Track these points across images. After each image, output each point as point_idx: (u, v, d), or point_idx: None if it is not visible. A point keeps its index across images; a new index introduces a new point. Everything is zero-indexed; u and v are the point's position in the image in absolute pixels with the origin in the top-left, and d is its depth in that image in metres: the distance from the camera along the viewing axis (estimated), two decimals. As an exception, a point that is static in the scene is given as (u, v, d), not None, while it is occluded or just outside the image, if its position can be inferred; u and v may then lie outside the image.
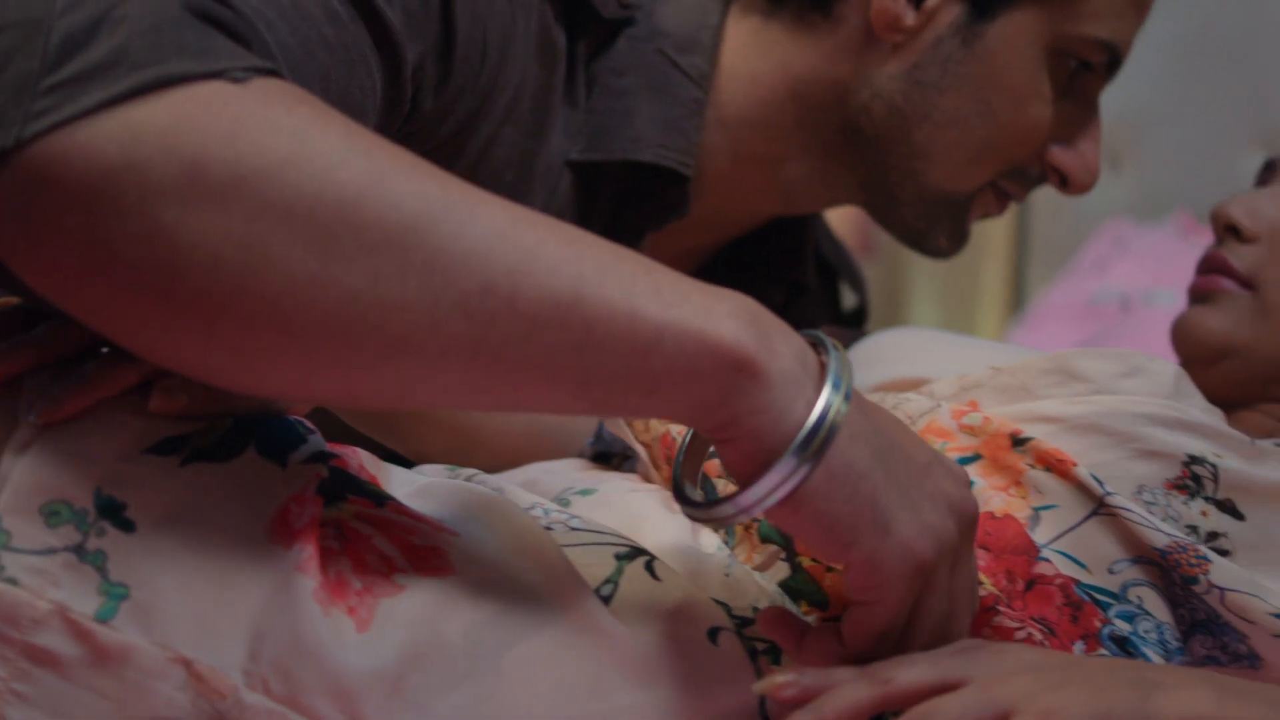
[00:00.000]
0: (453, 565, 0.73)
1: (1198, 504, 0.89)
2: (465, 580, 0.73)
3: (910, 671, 0.71)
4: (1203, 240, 2.24)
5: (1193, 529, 0.89)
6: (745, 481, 0.69)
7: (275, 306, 0.63)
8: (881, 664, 0.72)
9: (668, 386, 0.67)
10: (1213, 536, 0.89)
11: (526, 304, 0.65)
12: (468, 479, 0.87)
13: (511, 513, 0.79)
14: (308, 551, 0.70)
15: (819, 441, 0.67)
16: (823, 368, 0.70)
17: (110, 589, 0.68)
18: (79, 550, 0.69)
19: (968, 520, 0.74)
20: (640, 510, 0.86)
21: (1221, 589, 0.84)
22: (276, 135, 0.63)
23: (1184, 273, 1.17)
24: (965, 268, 2.14)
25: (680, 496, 0.76)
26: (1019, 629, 0.82)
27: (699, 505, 0.73)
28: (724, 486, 0.82)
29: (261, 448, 0.74)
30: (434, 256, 0.64)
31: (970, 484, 0.77)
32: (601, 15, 1.06)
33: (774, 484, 0.68)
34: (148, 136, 0.62)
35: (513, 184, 1.02)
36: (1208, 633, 0.87)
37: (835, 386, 0.68)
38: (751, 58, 1.11)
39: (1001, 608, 0.82)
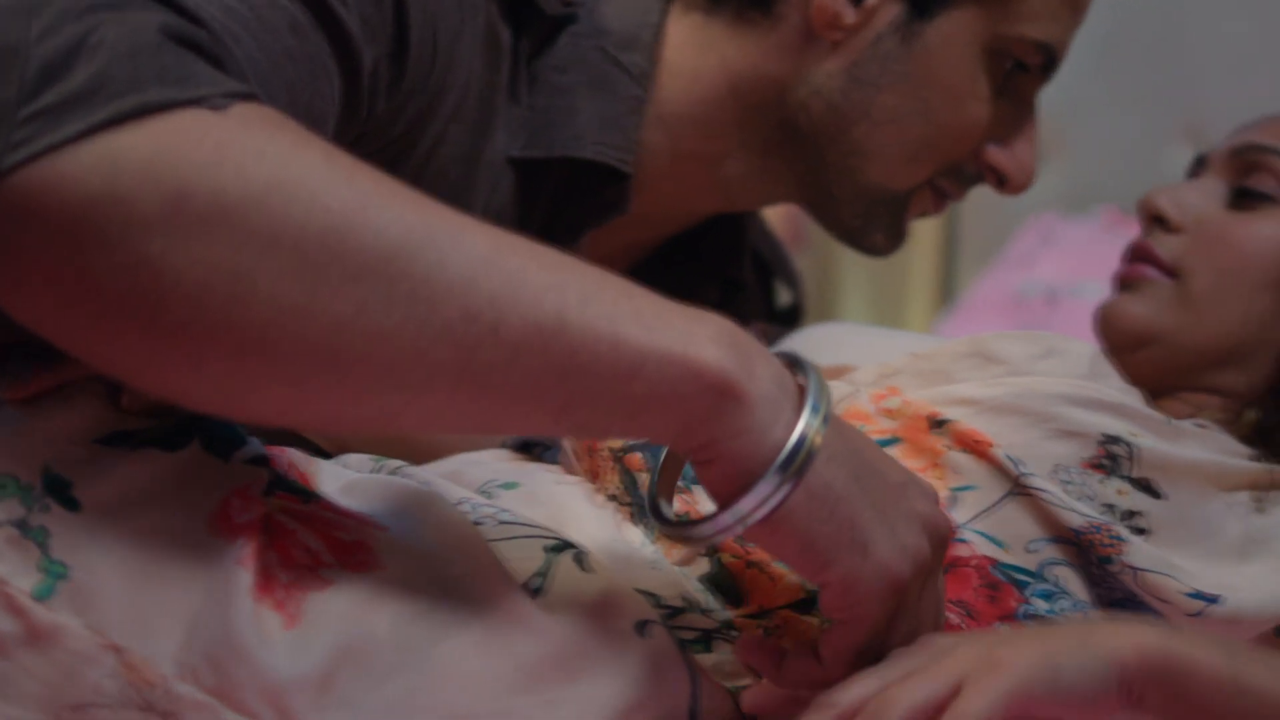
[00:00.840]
0: (380, 560, 0.73)
1: (1115, 483, 0.91)
2: (393, 575, 0.73)
3: (853, 691, 0.72)
4: (1129, 233, 2.26)
5: (1110, 508, 0.90)
6: (725, 502, 0.70)
7: (261, 336, 0.63)
8: (827, 691, 0.72)
9: (650, 410, 0.68)
10: (1130, 515, 0.90)
11: (510, 331, 0.65)
12: (393, 472, 0.87)
13: (440, 507, 0.79)
14: (250, 548, 0.70)
15: (798, 463, 0.69)
16: (801, 390, 0.71)
17: (50, 566, 0.68)
18: (22, 525, 0.69)
19: (940, 538, 0.75)
20: (565, 503, 0.87)
21: (1135, 569, 0.86)
22: (259, 163, 0.63)
23: (1110, 265, 1.19)
24: (895, 260, 2.14)
25: (657, 515, 0.77)
26: None
27: (677, 525, 0.75)
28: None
29: (206, 442, 0.74)
30: (419, 284, 0.64)
31: (939, 500, 0.78)
32: (545, 12, 1.06)
33: (753, 505, 0.69)
34: (130, 167, 0.62)
35: (457, 182, 1.02)
36: (1122, 612, 0.88)
37: (814, 409, 0.70)
38: (692, 55, 1.11)
39: None
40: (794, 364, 0.73)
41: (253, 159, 0.63)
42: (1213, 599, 0.86)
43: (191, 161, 0.62)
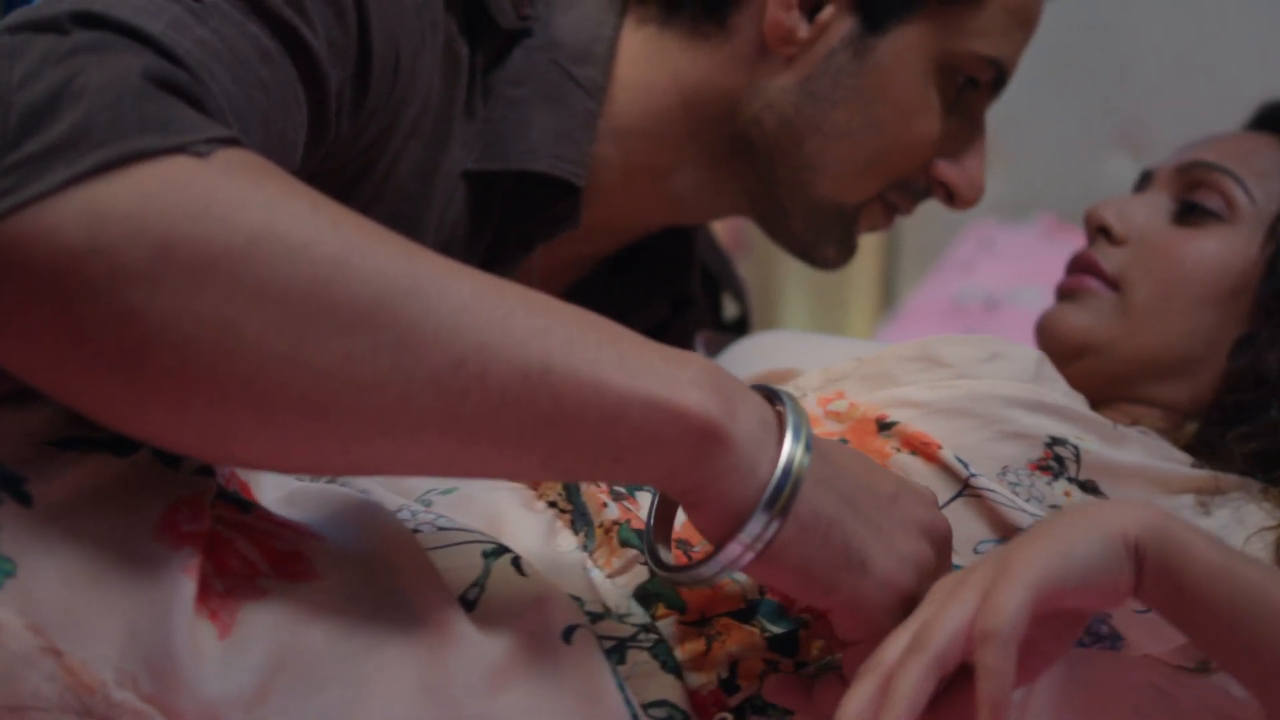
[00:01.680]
0: (316, 570, 0.74)
1: (1061, 484, 0.92)
2: (329, 586, 0.73)
3: (890, 647, 0.71)
4: (1067, 240, 2.30)
5: (1056, 509, 0.91)
6: (718, 542, 0.71)
7: (248, 387, 0.63)
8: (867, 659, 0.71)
9: (635, 455, 0.69)
10: None
11: (497, 379, 0.66)
12: (332, 479, 0.87)
13: (378, 516, 0.80)
14: (196, 558, 0.70)
15: (785, 497, 0.70)
16: (780, 420, 0.72)
17: None
18: None
19: (942, 540, 0.77)
20: (500, 509, 0.87)
21: None
22: (245, 213, 0.63)
23: (1049, 272, 1.20)
24: (836, 267, 2.17)
25: (655, 560, 0.78)
26: None
27: (676, 569, 0.75)
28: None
29: (157, 449, 0.74)
30: (405, 334, 0.64)
31: (934, 497, 0.79)
32: (500, 26, 1.06)
33: (746, 543, 0.70)
34: (114, 217, 0.61)
35: (414, 196, 1.02)
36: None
37: (795, 439, 0.71)
38: (645, 69, 1.11)
39: None
40: (770, 396, 0.74)
41: (238, 209, 0.63)
42: None
43: (176, 212, 0.62)
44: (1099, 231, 1.15)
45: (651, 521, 0.80)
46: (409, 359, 0.64)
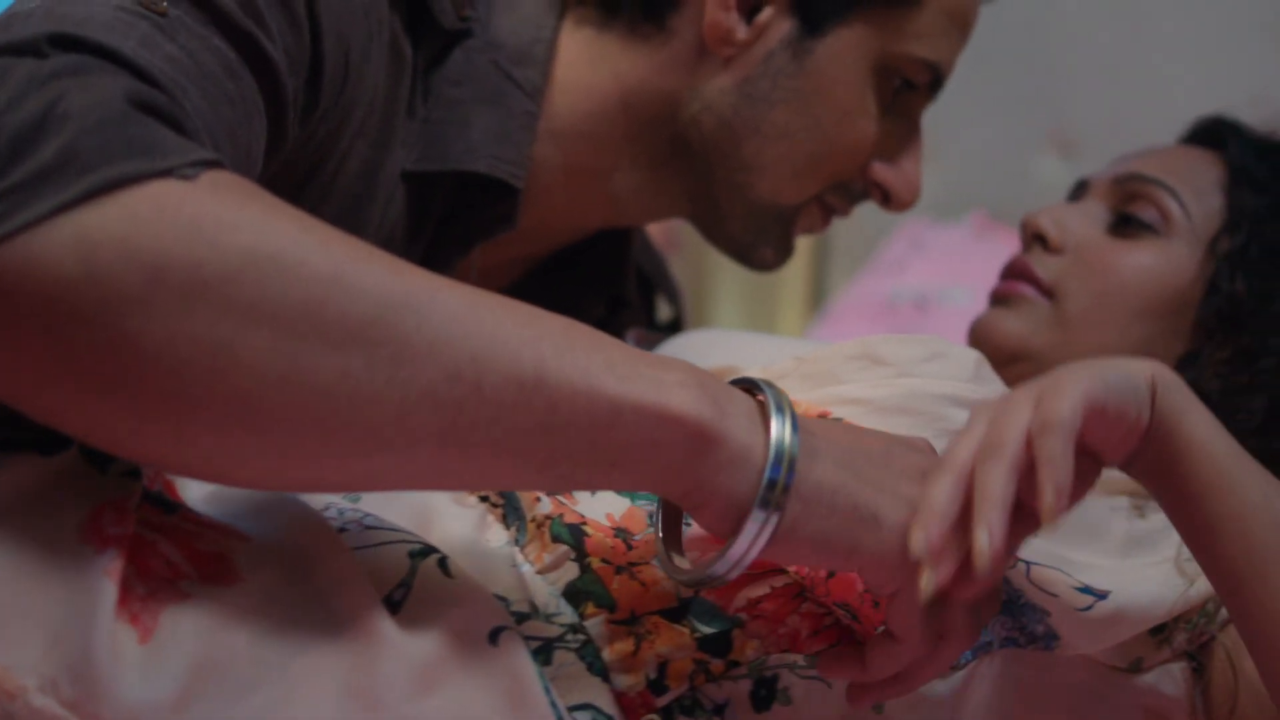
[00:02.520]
0: (240, 572, 0.74)
1: None
2: (252, 587, 0.73)
3: (960, 452, 0.73)
4: (998, 240, 2.32)
5: None
6: (727, 537, 0.72)
7: (245, 408, 0.64)
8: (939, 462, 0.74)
9: (629, 459, 0.70)
10: None
11: (492, 389, 0.66)
12: None
13: (304, 515, 0.80)
14: (119, 561, 0.70)
15: (782, 479, 0.71)
16: (763, 408, 0.73)
17: None
18: None
19: None
20: (430, 503, 0.87)
21: (1028, 563, 0.87)
22: (235, 235, 0.63)
23: (979, 272, 1.21)
24: (768, 266, 2.18)
25: (670, 568, 0.78)
26: (826, 614, 0.85)
27: (692, 574, 0.76)
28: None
29: (85, 450, 0.74)
30: (400, 349, 0.65)
31: (928, 443, 0.79)
32: (441, 26, 1.06)
33: (754, 533, 0.71)
34: (106, 244, 0.62)
35: (359, 197, 1.02)
36: (1008, 614, 0.90)
37: (782, 422, 0.72)
38: (584, 70, 1.12)
39: (808, 595, 0.84)
40: (749, 386, 0.76)
41: (228, 231, 0.63)
42: (1102, 595, 0.88)
43: (167, 237, 0.62)
44: (1035, 239, 1.16)
45: (659, 531, 0.81)
46: (405, 373, 0.65)
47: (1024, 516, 0.72)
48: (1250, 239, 1.11)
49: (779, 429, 0.72)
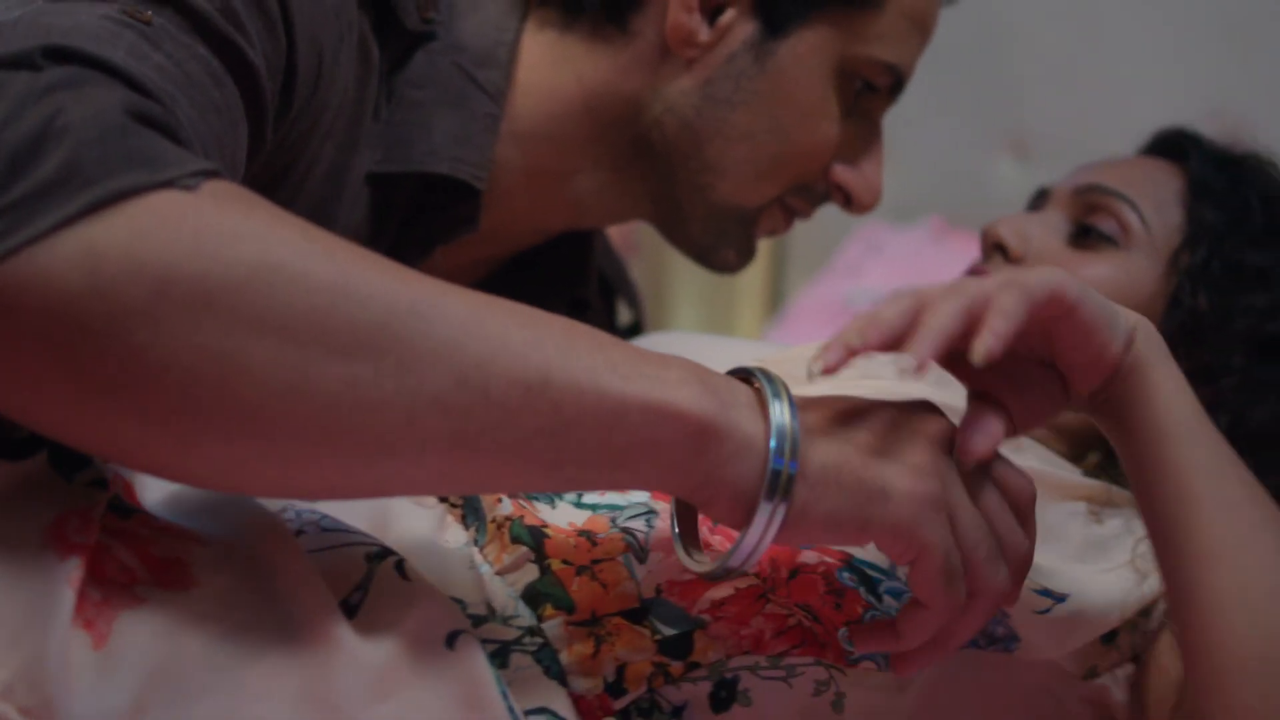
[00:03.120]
0: (195, 577, 0.73)
1: None
2: (208, 592, 0.73)
3: (891, 308, 0.75)
4: (955, 243, 2.33)
5: None
6: (739, 527, 0.73)
7: (253, 417, 0.64)
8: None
9: (635, 458, 0.70)
10: None
11: (499, 393, 0.66)
12: None
13: (260, 518, 0.80)
14: (81, 571, 0.70)
15: (786, 469, 0.71)
16: (761, 396, 0.73)
17: None
18: None
19: (947, 438, 0.77)
20: (388, 504, 0.87)
21: None
22: (240, 247, 0.63)
23: (937, 275, 1.22)
24: (726, 269, 2.19)
25: (690, 563, 0.79)
26: (789, 615, 0.85)
27: (710, 567, 0.76)
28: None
29: (53, 458, 0.74)
30: (406, 355, 0.65)
31: (928, 402, 0.80)
32: (406, 28, 1.06)
33: (764, 523, 0.72)
34: (111, 257, 0.62)
35: (326, 199, 1.02)
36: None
37: (780, 408, 0.72)
38: (547, 72, 1.12)
39: (770, 596, 0.85)
40: (745, 375, 0.76)
41: (233, 242, 0.64)
42: (1061, 598, 0.89)
43: (172, 249, 0.62)
44: (995, 248, 1.16)
45: (676, 529, 0.81)
46: (412, 380, 0.65)
47: (995, 416, 0.76)
48: (1211, 254, 1.11)
49: (779, 416, 0.72)
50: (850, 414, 0.76)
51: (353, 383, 0.64)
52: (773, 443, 0.71)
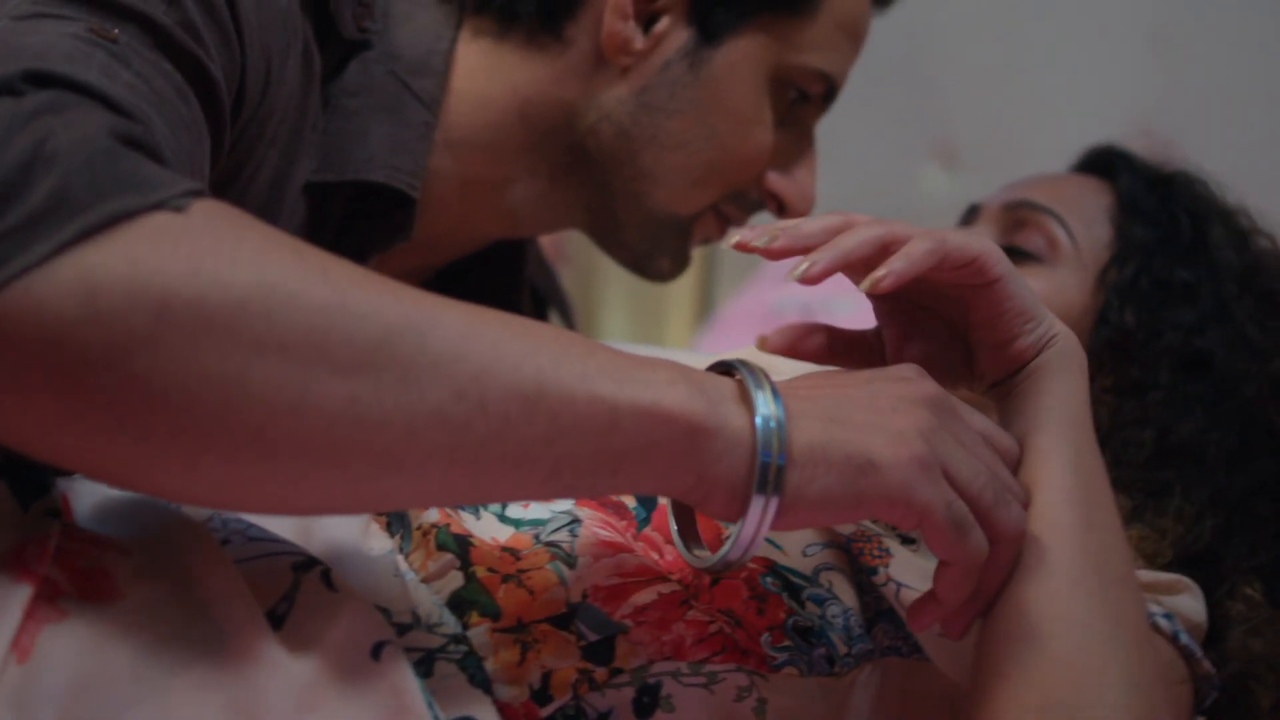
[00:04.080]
0: (120, 588, 0.73)
1: None
2: (132, 604, 0.73)
3: (814, 223, 0.81)
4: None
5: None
6: (736, 521, 0.73)
7: (257, 439, 0.64)
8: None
9: (631, 462, 0.71)
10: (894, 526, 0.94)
11: (497, 404, 0.67)
12: None
13: (186, 528, 0.80)
14: (30, 600, 0.70)
15: (775, 461, 0.72)
16: (743, 388, 0.74)
17: None
18: None
19: (934, 400, 0.78)
20: None
21: (899, 584, 0.89)
22: (235, 269, 0.64)
23: (862, 281, 1.22)
24: (656, 277, 2.19)
25: (692, 559, 0.80)
26: (710, 622, 0.86)
27: (710, 561, 0.77)
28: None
29: (13, 485, 0.75)
30: (405, 371, 0.66)
31: (913, 367, 0.80)
32: (342, 36, 1.06)
33: (759, 515, 0.72)
34: (108, 283, 0.62)
35: (267, 208, 1.02)
36: (890, 622, 0.91)
37: (763, 400, 0.73)
38: (482, 80, 1.13)
39: (693, 603, 0.86)
40: (725, 368, 0.77)
41: (228, 265, 0.64)
42: None
43: (169, 273, 0.62)
44: None
45: (675, 527, 0.82)
46: (412, 395, 0.66)
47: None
48: (1140, 271, 1.12)
49: (763, 407, 0.73)
50: (832, 389, 0.77)
51: (354, 400, 0.65)
52: (759, 435, 0.72)
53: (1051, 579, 0.79)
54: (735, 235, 0.78)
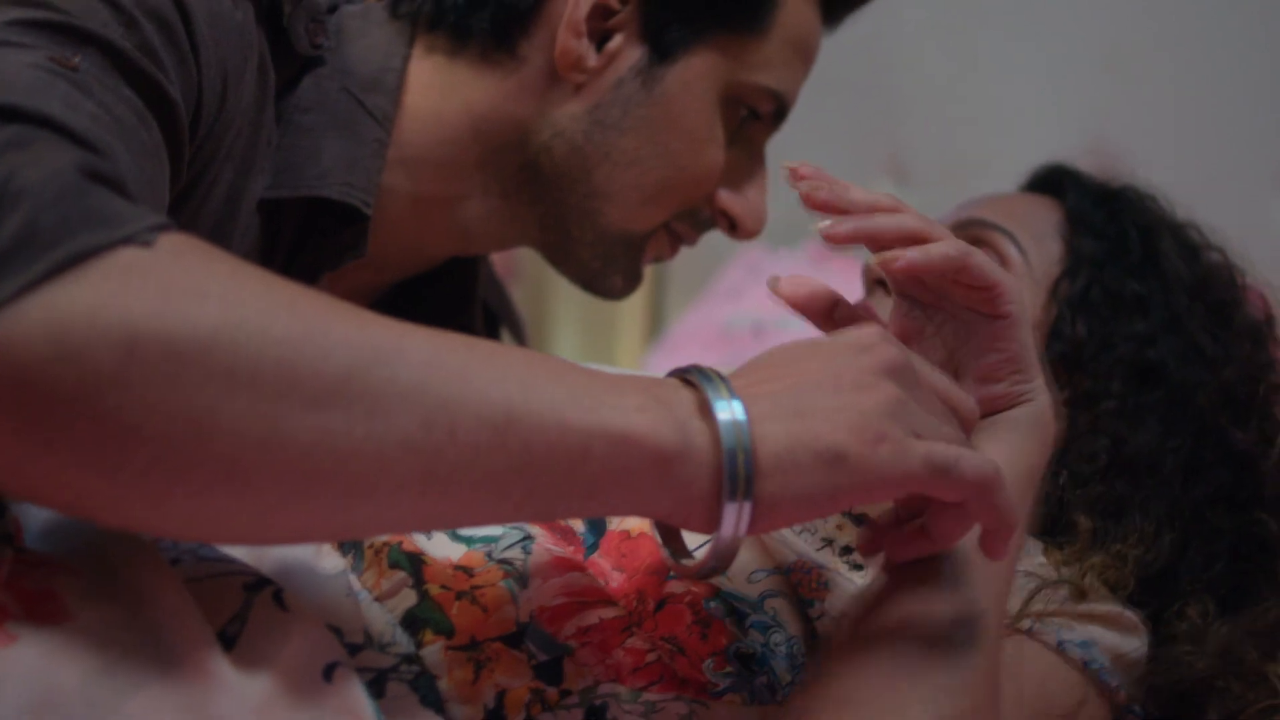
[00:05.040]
0: (70, 610, 0.73)
1: (834, 518, 0.95)
2: (83, 625, 0.72)
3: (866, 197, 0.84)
4: (835, 267, 2.35)
5: (829, 542, 0.94)
6: (710, 528, 0.74)
7: (228, 472, 0.64)
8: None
9: (604, 489, 0.71)
10: (848, 550, 0.94)
11: (466, 433, 0.67)
12: None
13: (136, 548, 0.79)
14: None
15: (741, 474, 0.72)
16: (700, 397, 0.74)
17: None
18: None
19: (896, 368, 0.77)
20: None
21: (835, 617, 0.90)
22: (204, 303, 0.64)
23: (815, 299, 1.22)
24: (607, 293, 2.19)
25: (680, 570, 0.81)
26: (650, 651, 0.86)
27: (698, 569, 0.78)
28: None
29: None
30: (375, 401, 0.66)
31: (876, 331, 0.80)
32: (296, 52, 1.07)
33: (733, 523, 0.73)
34: (76, 321, 0.62)
35: (222, 224, 1.02)
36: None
37: (724, 410, 0.73)
38: (435, 97, 1.13)
39: (635, 630, 0.86)
40: (684, 376, 0.77)
41: (197, 300, 0.64)
42: None
43: (136, 310, 0.62)
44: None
45: (660, 540, 0.83)
46: (381, 425, 0.66)
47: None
48: (1091, 282, 1.14)
49: (725, 416, 0.73)
50: (791, 377, 0.77)
51: (325, 431, 0.65)
52: (725, 449, 0.72)
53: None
54: (791, 164, 0.80)
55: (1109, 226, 1.18)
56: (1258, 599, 1.05)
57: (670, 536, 0.84)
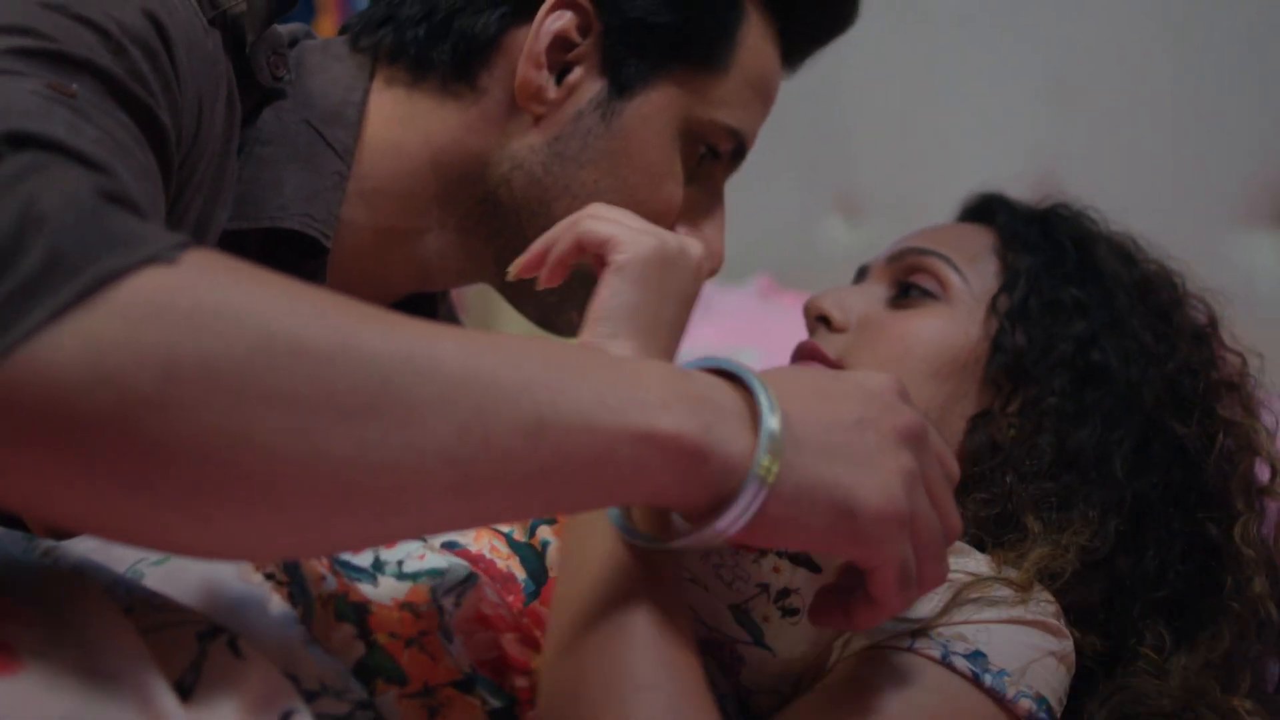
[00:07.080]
0: (22, 660, 0.72)
1: (769, 560, 0.96)
2: (36, 676, 0.72)
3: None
4: (783, 302, 2.37)
5: (764, 587, 0.96)
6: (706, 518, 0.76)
7: (269, 489, 0.65)
8: None
9: (628, 486, 0.73)
10: (784, 594, 0.96)
11: (499, 439, 0.68)
12: (45, 554, 0.86)
13: (89, 598, 0.79)
14: None
15: (765, 488, 0.74)
16: (751, 403, 0.76)
17: None
18: None
19: (914, 434, 0.80)
20: (217, 577, 0.87)
21: (751, 690, 0.92)
22: (237, 321, 0.64)
23: (765, 332, 1.23)
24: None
25: (652, 541, 0.82)
26: None
27: (669, 546, 0.80)
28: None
29: None
30: (410, 411, 0.67)
31: (895, 384, 0.82)
32: (259, 84, 1.08)
33: (729, 523, 0.74)
34: (112, 344, 0.62)
35: None
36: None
37: (770, 420, 0.74)
38: (395, 129, 1.15)
39: None
40: (730, 375, 0.78)
41: (230, 318, 0.64)
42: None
43: (171, 332, 0.63)
44: (819, 321, 1.21)
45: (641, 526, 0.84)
46: (417, 435, 0.66)
47: None
48: (1029, 293, 1.16)
49: (771, 431, 0.74)
50: (827, 410, 0.79)
51: (361, 444, 0.66)
52: (756, 461, 0.74)
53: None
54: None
55: (1043, 240, 1.21)
56: (1208, 622, 1.07)
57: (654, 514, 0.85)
